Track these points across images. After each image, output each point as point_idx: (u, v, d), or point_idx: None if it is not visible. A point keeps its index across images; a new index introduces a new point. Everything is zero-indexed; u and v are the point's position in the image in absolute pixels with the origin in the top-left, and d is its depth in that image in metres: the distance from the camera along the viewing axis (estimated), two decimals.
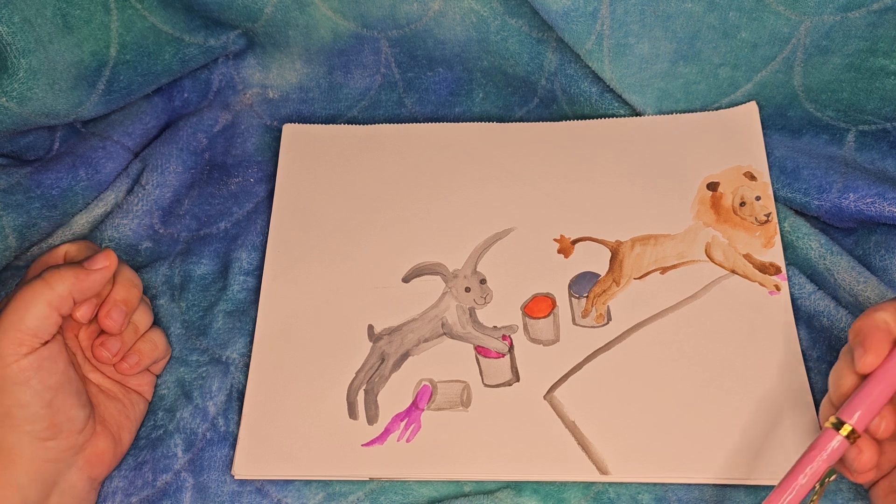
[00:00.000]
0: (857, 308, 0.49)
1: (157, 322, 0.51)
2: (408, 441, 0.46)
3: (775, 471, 0.44)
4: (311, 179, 0.56)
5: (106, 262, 0.43)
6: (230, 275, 0.53)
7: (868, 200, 0.51)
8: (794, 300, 0.50)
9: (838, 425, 0.38)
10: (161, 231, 0.56)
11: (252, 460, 0.46)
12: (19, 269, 0.53)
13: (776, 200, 0.53)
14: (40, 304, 0.41)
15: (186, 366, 0.50)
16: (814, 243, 0.51)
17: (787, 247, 0.52)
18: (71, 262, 0.44)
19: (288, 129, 0.58)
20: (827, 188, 0.52)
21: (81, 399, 0.43)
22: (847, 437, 0.37)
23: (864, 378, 0.38)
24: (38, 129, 0.56)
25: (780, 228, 0.52)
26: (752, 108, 0.55)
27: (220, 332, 0.51)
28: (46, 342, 0.41)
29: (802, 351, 0.48)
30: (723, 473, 0.44)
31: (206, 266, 0.54)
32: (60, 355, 0.42)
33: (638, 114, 0.56)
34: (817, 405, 0.46)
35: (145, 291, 0.53)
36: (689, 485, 0.45)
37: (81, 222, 0.55)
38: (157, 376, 0.50)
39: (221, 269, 0.54)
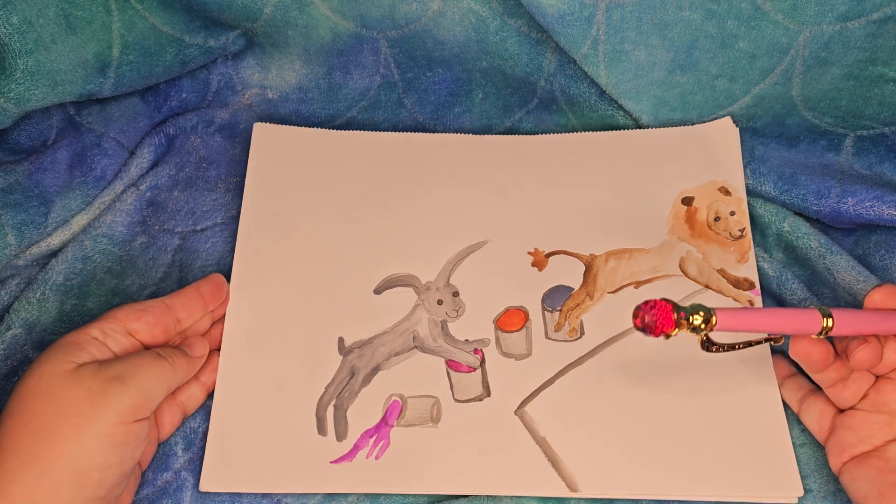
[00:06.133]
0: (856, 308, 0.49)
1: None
2: (377, 458, 0.46)
3: (747, 487, 0.44)
4: (280, 186, 0.55)
5: (205, 351, 0.48)
6: (228, 272, 0.53)
7: (867, 204, 0.51)
8: (783, 305, 0.50)
9: (825, 314, 0.39)
10: (156, 228, 0.56)
11: (219, 475, 0.46)
12: (19, 269, 0.53)
13: (775, 204, 0.53)
14: (165, 386, 0.43)
15: None
16: (813, 243, 0.51)
17: (786, 247, 0.52)
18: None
19: (259, 128, 0.57)
20: (825, 193, 0.52)
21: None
22: (822, 328, 0.39)
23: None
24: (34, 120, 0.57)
25: (780, 229, 0.52)
26: (727, 123, 0.55)
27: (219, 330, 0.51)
28: (148, 417, 0.43)
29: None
30: (693, 490, 0.44)
31: (203, 263, 0.54)
32: (152, 433, 0.45)
33: (635, 119, 0.56)
34: (790, 421, 0.46)
35: (142, 289, 0.53)
36: (661, 501, 0.45)
37: (81, 221, 0.55)
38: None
39: (219, 266, 0.54)
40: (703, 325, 0.37)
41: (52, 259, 0.54)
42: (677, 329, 0.37)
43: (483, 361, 0.49)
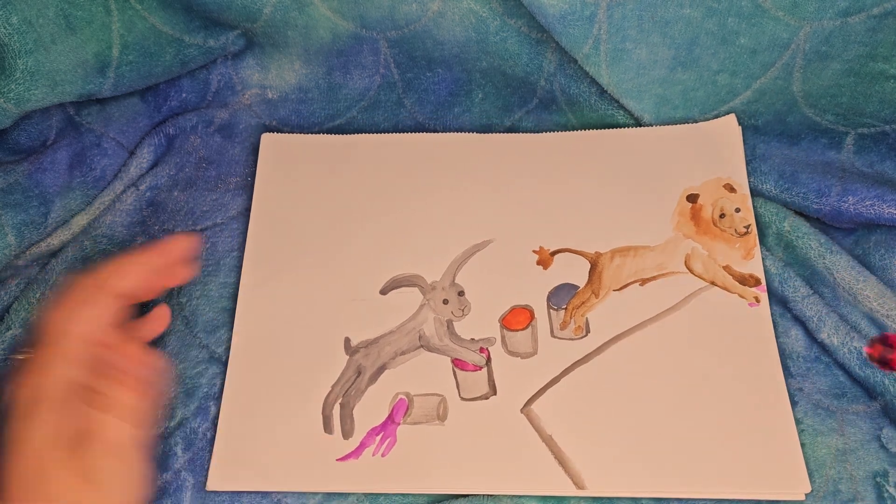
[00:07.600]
0: (855, 308, 0.49)
1: None
2: (383, 455, 0.46)
3: (756, 484, 0.44)
4: (289, 191, 0.56)
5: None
6: (229, 273, 0.53)
7: (867, 203, 0.51)
8: (786, 303, 0.50)
9: None
10: (156, 228, 0.55)
11: (226, 474, 0.46)
12: (19, 269, 0.53)
13: (775, 203, 0.53)
14: None
15: (187, 363, 0.50)
16: (813, 243, 0.51)
17: (786, 246, 0.52)
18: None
19: (266, 138, 0.58)
20: (826, 192, 0.52)
21: None
22: None
23: None
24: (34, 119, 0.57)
25: (780, 228, 0.52)
26: (731, 120, 0.55)
27: (220, 330, 0.51)
28: None
29: (793, 354, 0.48)
30: (699, 487, 0.44)
31: (202, 263, 0.54)
32: None
33: (636, 119, 0.56)
34: (797, 418, 0.46)
35: None
36: (668, 499, 0.45)
37: (81, 221, 0.55)
38: None
39: (220, 266, 0.54)
40: None
41: (52, 259, 0.53)
42: None
43: (489, 360, 0.48)
